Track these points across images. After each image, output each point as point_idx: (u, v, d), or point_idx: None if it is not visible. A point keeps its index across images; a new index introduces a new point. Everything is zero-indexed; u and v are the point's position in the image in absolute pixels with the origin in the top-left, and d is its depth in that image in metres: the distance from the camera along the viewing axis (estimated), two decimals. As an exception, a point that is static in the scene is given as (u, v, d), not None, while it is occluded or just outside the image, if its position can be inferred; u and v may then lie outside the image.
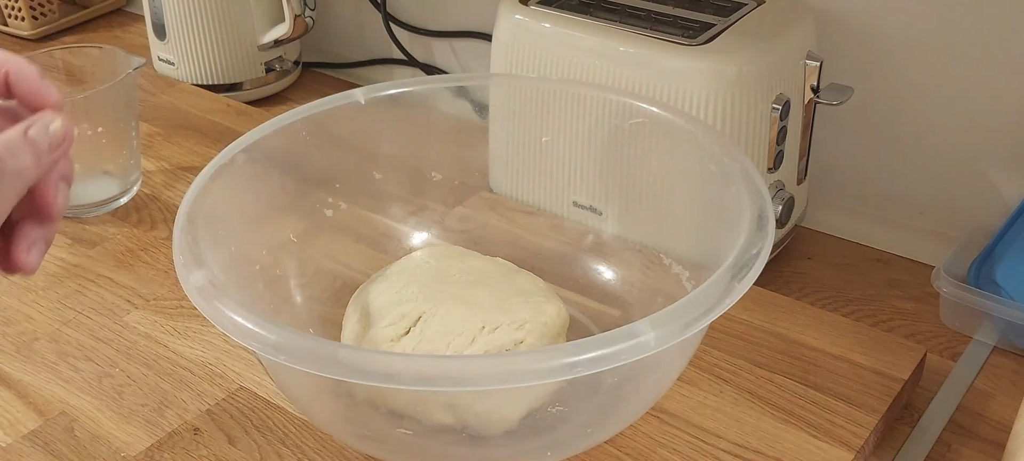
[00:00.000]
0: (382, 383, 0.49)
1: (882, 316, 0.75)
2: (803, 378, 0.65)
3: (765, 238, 0.53)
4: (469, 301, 0.61)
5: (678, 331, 0.48)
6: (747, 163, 0.59)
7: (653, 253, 0.68)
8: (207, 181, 0.61)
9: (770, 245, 0.52)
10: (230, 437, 0.63)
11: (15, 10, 1.20)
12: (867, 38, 0.81)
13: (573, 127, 0.73)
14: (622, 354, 0.46)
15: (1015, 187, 0.79)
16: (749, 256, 0.52)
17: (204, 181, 0.61)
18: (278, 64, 1.09)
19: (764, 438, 0.61)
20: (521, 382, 0.49)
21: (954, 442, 0.64)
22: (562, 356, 0.46)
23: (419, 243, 0.73)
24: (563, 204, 0.77)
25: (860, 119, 0.83)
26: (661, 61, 0.72)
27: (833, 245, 0.83)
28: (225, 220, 0.61)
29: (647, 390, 0.58)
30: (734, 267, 0.51)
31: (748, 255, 0.52)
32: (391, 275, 0.65)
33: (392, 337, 0.60)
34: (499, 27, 0.79)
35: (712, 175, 0.62)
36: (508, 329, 0.59)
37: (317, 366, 0.48)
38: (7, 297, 0.76)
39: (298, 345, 0.48)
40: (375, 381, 0.49)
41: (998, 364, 0.70)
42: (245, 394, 0.66)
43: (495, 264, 0.66)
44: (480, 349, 0.58)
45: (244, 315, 0.49)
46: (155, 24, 1.07)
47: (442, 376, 0.48)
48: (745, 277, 0.50)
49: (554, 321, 0.61)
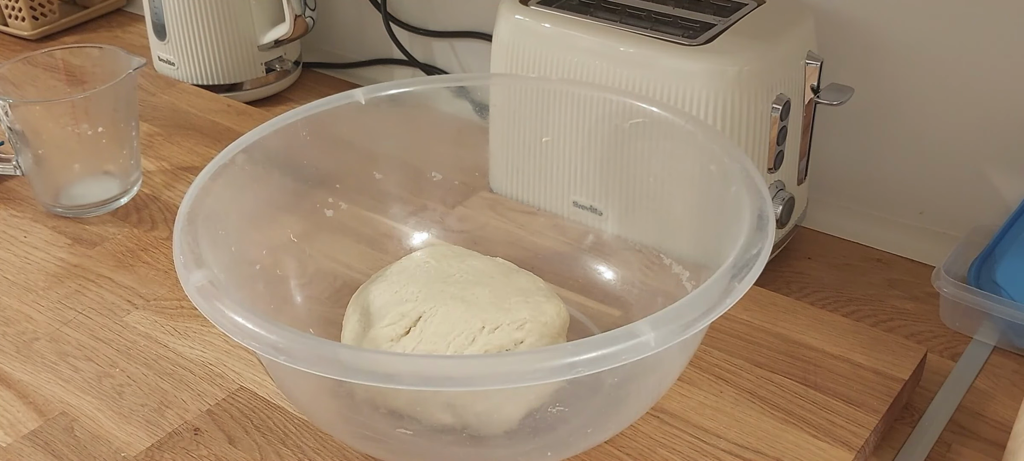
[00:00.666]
0: (382, 383, 0.49)
1: (882, 316, 0.75)
2: (803, 378, 0.65)
3: (765, 238, 0.53)
4: (469, 301, 0.61)
5: (678, 331, 0.48)
6: (747, 163, 0.59)
7: (653, 253, 0.68)
8: (207, 181, 0.61)
9: (770, 245, 0.52)
10: (230, 437, 0.63)
11: (15, 10, 1.20)
12: (867, 38, 0.81)
13: (573, 127, 0.73)
14: (622, 354, 0.46)
15: (1015, 187, 0.79)
16: (749, 256, 0.52)
17: (204, 181, 0.61)
18: (278, 64, 1.09)
19: (764, 438, 0.61)
20: (521, 382, 0.49)
21: (954, 442, 0.64)
22: (562, 356, 0.46)
23: (419, 243, 0.73)
24: (563, 204, 0.77)
25: (860, 119, 0.83)
26: (661, 61, 0.72)
27: (833, 245, 0.83)
28: (225, 220, 0.61)
29: (647, 390, 0.58)
30: (734, 267, 0.51)
31: (748, 255, 0.52)
32: (391, 275, 0.65)
33: (392, 337, 0.60)
34: (499, 27, 0.79)
35: (712, 175, 0.62)
36: (508, 329, 0.59)
37: (317, 366, 0.48)
38: (7, 297, 0.76)
39: (298, 345, 0.48)
40: (375, 381, 0.49)
41: (998, 364, 0.70)
42: (245, 394, 0.66)
43: (495, 264, 0.66)
44: (480, 349, 0.58)
45: (244, 315, 0.49)
46: (155, 24, 1.07)
47: (441, 376, 0.48)
48: (745, 277, 0.50)
49: (554, 321, 0.61)
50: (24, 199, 0.87)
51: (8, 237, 0.83)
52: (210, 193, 0.60)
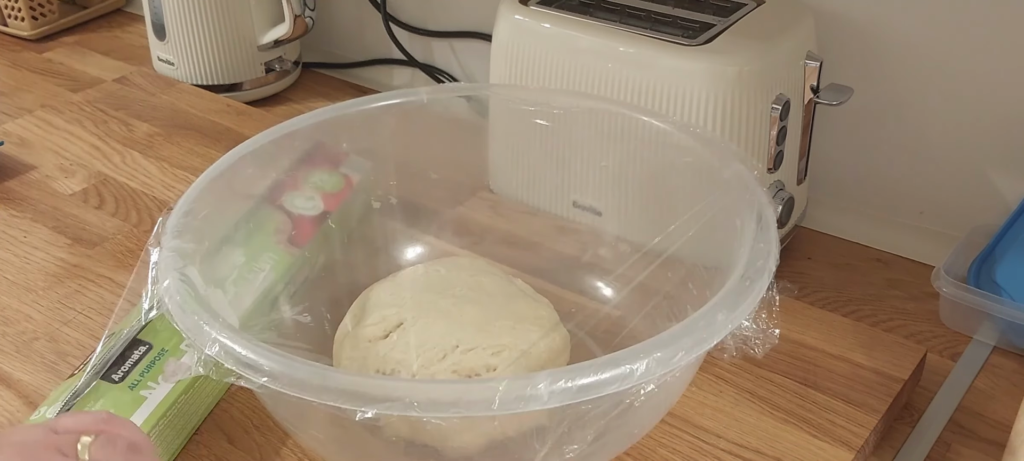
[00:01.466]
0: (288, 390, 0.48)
1: (882, 316, 0.75)
2: (803, 378, 0.65)
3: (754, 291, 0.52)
4: (452, 318, 0.60)
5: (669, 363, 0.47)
6: (744, 168, 0.59)
7: (653, 253, 0.68)
8: (207, 184, 0.61)
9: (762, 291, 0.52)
10: (230, 437, 0.63)
11: (15, 10, 1.20)
12: (867, 38, 0.81)
13: (574, 127, 0.73)
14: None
15: (1015, 187, 0.79)
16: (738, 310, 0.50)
17: (205, 183, 0.61)
18: (278, 64, 1.09)
19: (764, 438, 0.61)
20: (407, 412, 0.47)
21: (954, 442, 0.64)
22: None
23: (419, 243, 0.73)
24: (563, 204, 0.77)
25: (860, 119, 0.83)
26: (661, 61, 0.71)
27: (833, 245, 0.83)
28: (224, 221, 0.61)
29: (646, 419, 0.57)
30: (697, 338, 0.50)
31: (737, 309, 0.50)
32: (399, 278, 0.65)
33: (371, 337, 0.60)
34: (499, 27, 0.79)
35: (712, 177, 0.62)
36: (482, 353, 0.58)
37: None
38: (7, 297, 0.76)
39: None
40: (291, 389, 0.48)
41: (998, 364, 0.70)
42: (245, 394, 0.66)
43: (505, 285, 0.65)
44: (449, 367, 0.58)
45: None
46: (155, 24, 1.07)
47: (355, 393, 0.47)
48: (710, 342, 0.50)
49: (540, 352, 0.59)
50: (24, 199, 0.87)
51: (8, 237, 0.83)
52: (211, 194, 0.61)
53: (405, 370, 0.58)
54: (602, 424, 0.50)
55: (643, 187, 0.70)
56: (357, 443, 0.56)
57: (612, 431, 0.52)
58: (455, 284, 0.64)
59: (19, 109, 1.04)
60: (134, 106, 1.02)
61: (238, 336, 0.49)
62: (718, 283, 0.53)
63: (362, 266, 0.70)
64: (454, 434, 0.54)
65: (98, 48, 1.20)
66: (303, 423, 0.56)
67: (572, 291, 0.69)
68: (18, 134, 0.97)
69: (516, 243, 0.75)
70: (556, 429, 0.50)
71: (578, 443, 0.51)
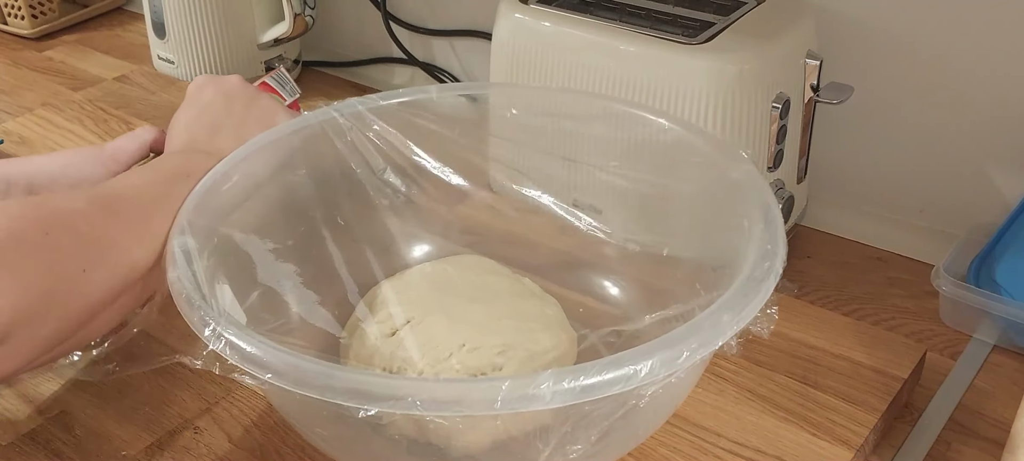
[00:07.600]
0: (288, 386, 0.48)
1: (882, 315, 0.75)
2: (803, 377, 0.65)
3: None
4: (458, 317, 0.60)
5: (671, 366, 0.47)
6: (754, 168, 0.59)
7: (654, 251, 0.68)
8: (209, 186, 0.61)
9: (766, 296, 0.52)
10: (230, 436, 0.63)
11: (15, 9, 1.20)
12: (867, 38, 0.81)
13: (574, 127, 0.73)
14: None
15: (1015, 186, 0.79)
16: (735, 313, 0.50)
17: (206, 185, 0.61)
18: (278, 62, 1.08)
19: (764, 436, 0.61)
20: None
21: (954, 440, 0.64)
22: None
23: (420, 243, 0.73)
24: (563, 204, 0.77)
25: (860, 118, 0.83)
26: (661, 60, 0.71)
27: (833, 244, 0.83)
28: (229, 223, 0.62)
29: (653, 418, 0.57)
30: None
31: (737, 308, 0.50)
32: (409, 275, 0.65)
33: (377, 334, 0.60)
34: (499, 26, 0.79)
35: (713, 176, 0.62)
36: (488, 352, 0.58)
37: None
38: (7, 296, 0.76)
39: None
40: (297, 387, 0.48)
41: (998, 363, 0.70)
42: (245, 393, 0.66)
43: (515, 284, 0.65)
44: (455, 365, 0.58)
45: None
46: (155, 23, 1.07)
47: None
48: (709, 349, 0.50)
49: (546, 352, 0.59)
50: (24, 198, 0.87)
51: (8, 236, 0.83)
52: (214, 195, 0.61)
53: (411, 368, 0.59)
54: (606, 425, 0.50)
55: (647, 187, 0.70)
56: (362, 441, 0.56)
57: (616, 432, 0.52)
58: (462, 283, 0.64)
59: (19, 107, 1.04)
60: (134, 105, 1.02)
61: (244, 332, 0.49)
62: (725, 283, 0.53)
63: (369, 264, 0.70)
64: (458, 433, 0.54)
65: (98, 47, 1.20)
66: (308, 420, 0.56)
67: (573, 289, 0.69)
68: (18, 133, 0.97)
69: (516, 243, 0.74)
70: (560, 429, 0.50)
71: (582, 443, 0.51)
